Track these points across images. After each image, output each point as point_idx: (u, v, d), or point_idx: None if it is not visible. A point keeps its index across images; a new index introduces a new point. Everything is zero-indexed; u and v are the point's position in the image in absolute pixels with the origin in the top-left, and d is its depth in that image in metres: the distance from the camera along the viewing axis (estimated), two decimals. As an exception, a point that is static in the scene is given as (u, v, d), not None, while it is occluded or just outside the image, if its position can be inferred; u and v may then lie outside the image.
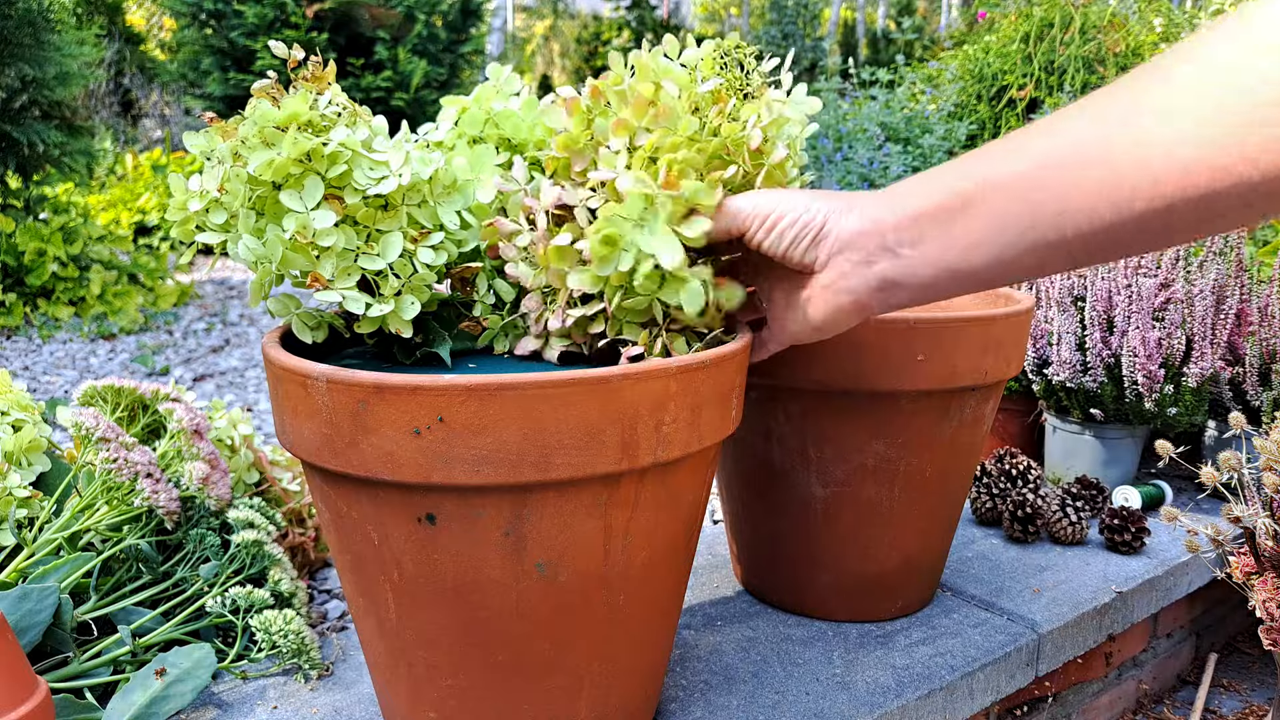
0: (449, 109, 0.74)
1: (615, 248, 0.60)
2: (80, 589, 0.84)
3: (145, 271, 3.56)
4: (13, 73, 3.10)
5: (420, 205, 0.66)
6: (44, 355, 2.79)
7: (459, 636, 0.63)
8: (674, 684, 0.83)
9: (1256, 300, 1.31)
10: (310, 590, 1.03)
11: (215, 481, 0.88)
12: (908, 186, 0.58)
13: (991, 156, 0.54)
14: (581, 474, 0.58)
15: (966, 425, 0.88)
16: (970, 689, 0.86)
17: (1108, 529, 1.13)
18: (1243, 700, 1.19)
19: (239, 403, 2.36)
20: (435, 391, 0.55)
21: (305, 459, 0.63)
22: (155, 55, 7.20)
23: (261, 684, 0.83)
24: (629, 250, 0.60)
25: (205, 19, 4.99)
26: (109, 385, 0.94)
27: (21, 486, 0.86)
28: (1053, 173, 0.50)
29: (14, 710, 0.57)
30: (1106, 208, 0.48)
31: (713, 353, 0.63)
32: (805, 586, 0.94)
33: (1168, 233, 0.48)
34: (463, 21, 5.42)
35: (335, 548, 0.67)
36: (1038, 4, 2.97)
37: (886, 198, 0.58)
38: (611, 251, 0.60)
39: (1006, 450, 1.24)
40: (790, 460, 0.89)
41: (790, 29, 8.94)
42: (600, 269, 0.61)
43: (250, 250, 0.62)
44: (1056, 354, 1.25)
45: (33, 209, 3.45)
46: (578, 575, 0.62)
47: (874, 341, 0.82)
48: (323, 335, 0.70)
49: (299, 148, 0.59)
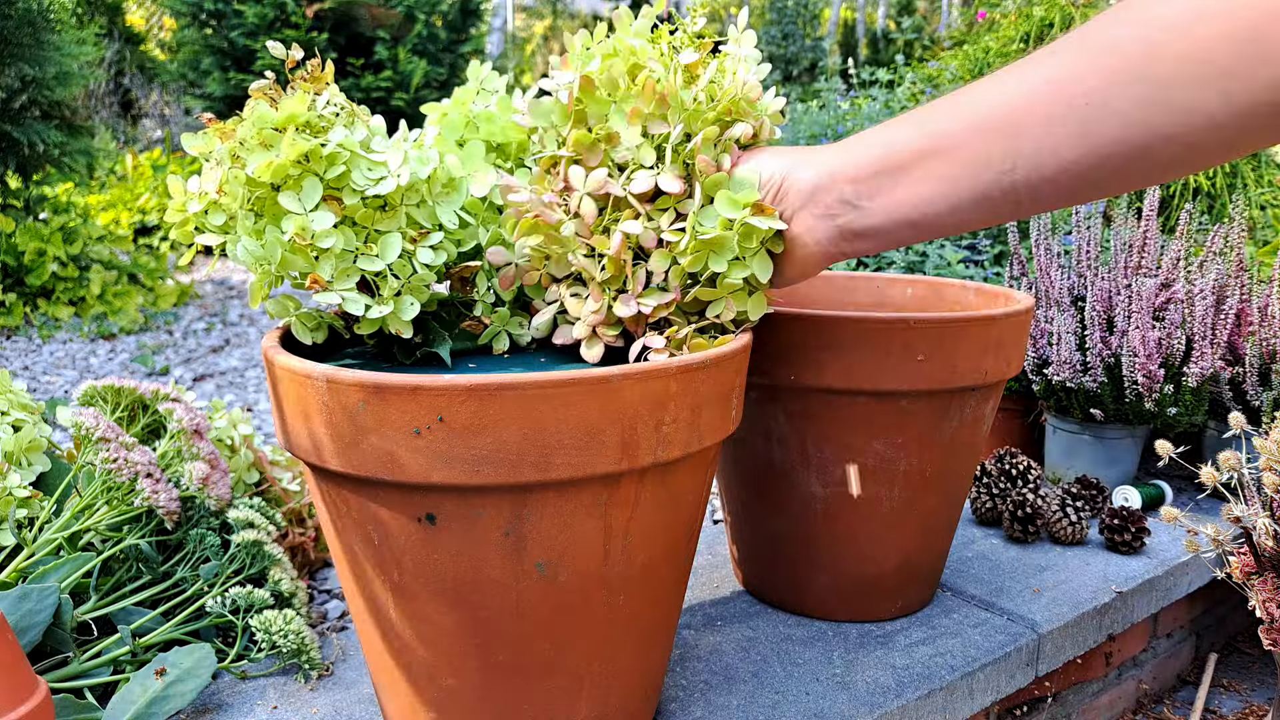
0: (432, 115, 0.74)
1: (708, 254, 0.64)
2: (80, 589, 0.84)
3: (145, 271, 3.56)
4: (13, 72, 3.10)
5: (419, 205, 0.66)
6: (44, 355, 2.80)
7: (459, 636, 0.63)
8: (674, 684, 0.83)
9: (1256, 300, 1.31)
10: (310, 590, 1.03)
11: (215, 481, 0.88)
12: (864, 140, 0.60)
13: (941, 110, 0.56)
14: (581, 474, 0.58)
15: (966, 425, 0.88)
16: (970, 689, 0.86)
17: (1108, 529, 1.13)
18: (1243, 700, 1.19)
19: (239, 403, 2.36)
20: (435, 391, 0.55)
21: (305, 459, 0.63)
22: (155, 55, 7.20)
23: (261, 684, 0.83)
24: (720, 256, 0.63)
25: (205, 19, 4.99)
26: (109, 385, 0.94)
27: (21, 486, 0.86)
28: (999, 125, 0.52)
29: (14, 710, 0.57)
30: (1048, 156, 0.51)
31: (713, 353, 0.63)
32: (805, 586, 0.94)
33: (1098, 182, 0.51)
34: (462, 21, 5.42)
35: (335, 548, 0.67)
36: (1038, 4, 2.97)
37: (843, 150, 0.60)
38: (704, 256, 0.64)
39: (1006, 450, 1.24)
40: (790, 460, 0.89)
41: (790, 29, 8.94)
42: (690, 265, 0.64)
43: (249, 252, 0.62)
44: (1056, 354, 1.25)
45: (33, 209, 3.45)
46: (578, 575, 0.62)
47: (874, 341, 0.82)
48: (322, 336, 0.70)
49: (297, 149, 0.59)
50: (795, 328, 0.83)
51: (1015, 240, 1.41)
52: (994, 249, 1.82)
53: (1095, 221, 1.35)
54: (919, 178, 0.56)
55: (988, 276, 1.66)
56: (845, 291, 1.09)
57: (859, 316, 0.82)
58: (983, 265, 1.76)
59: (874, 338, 0.81)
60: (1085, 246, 1.33)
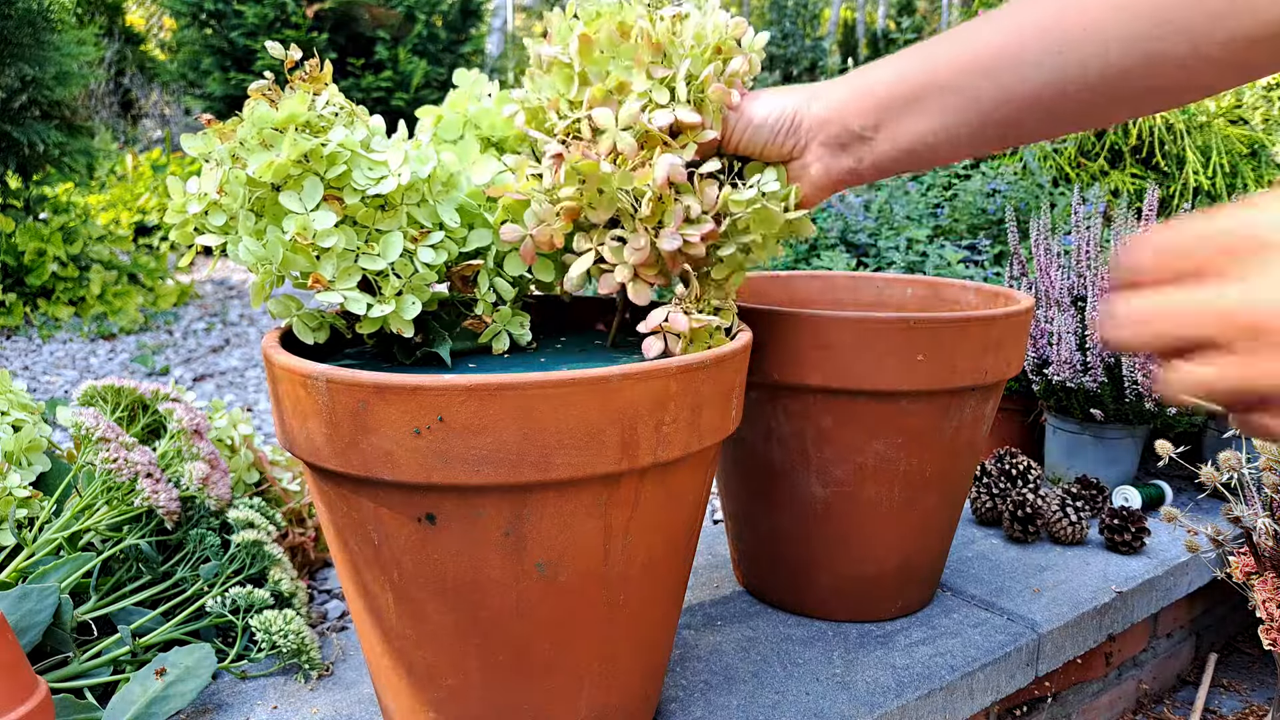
0: (425, 119, 0.74)
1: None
2: (80, 589, 0.84)
3: (145, 271, 3.56)
4: (13, 72, 3.10)
5: (420, 204, 0.66)
6: (44, 355, 2.80)
7: (459, 636, 0.63)
8: (674, 684, 0.83)
9: (1256, 300, 1.31)
10: (310, 590, 1.03)
11: (215, 481, 0.88)
12: (871, 74, 0.64)
13: (941, 48, 0.60)
14: (581, 474, 0.58)
15: (966, 425, 0.88)
16: (970, 689, 0.87)
17: (1108, 529, 1.13)
18: (1243, 700, 1.19)
19: (239, 403, 2.36)
20: (435, 391, 0.55)
21: (305, 459, 0.63)
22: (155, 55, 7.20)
23: (261, 684, 0.83)
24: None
25: (205, 19, 4.99)
26: (109, 385, 0.94)
27: (21, 486, 0.86)
28: (993, 58, 0.57)
29: (14, 710, 0.57)
30: (1029, 93, 0.56)
31: (713, 353, 0.63)
32: (805, 586, 0.94)
33: (1081, 108, 0.56)
34: (463, 21, 5.43)
35: (335, 548, 0.67)
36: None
37: (850, 85, 0.64)
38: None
39: (1006, 450, 1.24)
40: (790, 460, 0.89)
41: (790, 29, 8.94)
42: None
43: (250, 252, 0.62)
44: (1056, 354, 1.25)
45: (33, 209, 3.45)
46: (578, 575, 0.62)
47: (874, 342, 0.82)
48: (324, 336, 0.70)
49: (298, 149, 0.59)
50: (795, 328, 0.83)
51: (1015, 240, 1.41)
52: (994, 249, 1.82)
53: (1095, 221, 1.35)
54: (920, 111, 0.60)
55: (988, 276, 1.66)
56: (845, 291, 1.09)
57: (859, 317, 0.82)
58: (983, 265, 1.76)
59: (874, 338, 0.81)
60: (1085, 246, 1.33)
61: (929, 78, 0.60)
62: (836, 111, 0.64)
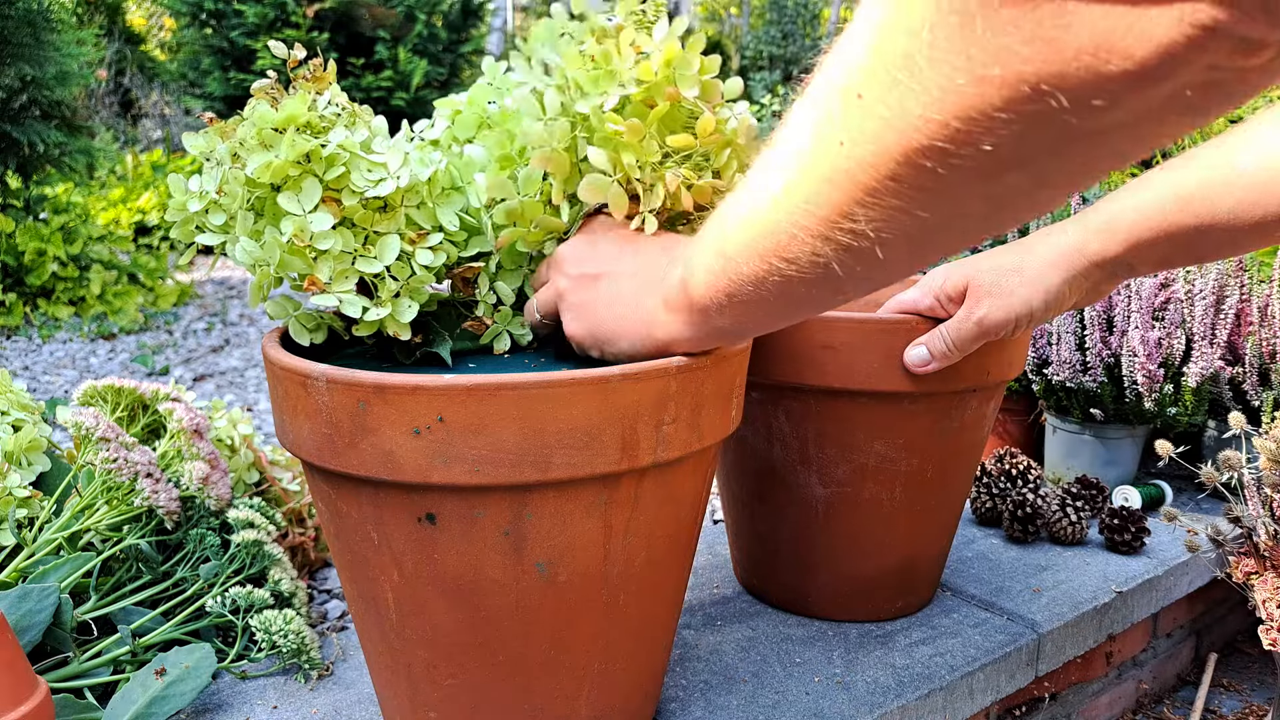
0: (443, 110, 0.73)
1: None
2: (80, 589, 0.84)
3: (145, 271, 3.56)
4: (13, 72, 3.10)
5: (419, 207, 0.66)
6: (44, 355, 2.80)
7: (459, 636, 0.63)
8: (674, 684, 0.83)
9: (1256, 300, 1.31)
10: (310, 590, 1.03)
11: (215, 481, 0.88)
12: (695, 270, 0.56)
13: (728, 230, 0.53)
14: (581, 474, 0.58)
15: (967, 426, 0.88)
16: (970, 689, 0.86)
17: (1108, 529, 1.13)
18: (1243, 700, 1.19)
19: (239, 403, 2.36)
20: (435, 391, 0.55)
21: (305, 459, 0.63)
22: (155, 55, 7.20)
23: (261, 684, 0.83)
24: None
25: (205, 19, 4.99)
26: (109, 385, 0.94)
27: (21, 486, 0.86)
28: (768, 249, 0.49)
29: (14, 710, 0.57)
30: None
31: (713, 353, 0.63)
32: (805, 586, 0.94)
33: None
34: (463, 21, 5.43)
35: (335, 548, 0.67)
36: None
37: (689, 283, 0.57)
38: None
39: (1006, 450, 1.24)
40: (791, 460, 0.89)
41: (790, 29, 8.94)
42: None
43: (248, 252, 0.62)
44: (1056, 354, 1.25)
45: (33, 209, 3.45)
46: (578, 575, 0.62)
47: (875, 342, 0.82)
48: (321, 337, 0.70)
49: (297, 150, 0.59)
50: (795, 328, 0.83)
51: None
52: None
53: (1095, 221, 1.35)
54: (736, 309, 0.54)
55: (988, 276, 1.66)
56: (845, 291, 1.09)
57: (860, 317, 0.82)
58: (983, 265, 1.76)
59: (875, 338, 0.81)
60: (1085, 246, 1.33)
61: (730, 281, 0.52)
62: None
